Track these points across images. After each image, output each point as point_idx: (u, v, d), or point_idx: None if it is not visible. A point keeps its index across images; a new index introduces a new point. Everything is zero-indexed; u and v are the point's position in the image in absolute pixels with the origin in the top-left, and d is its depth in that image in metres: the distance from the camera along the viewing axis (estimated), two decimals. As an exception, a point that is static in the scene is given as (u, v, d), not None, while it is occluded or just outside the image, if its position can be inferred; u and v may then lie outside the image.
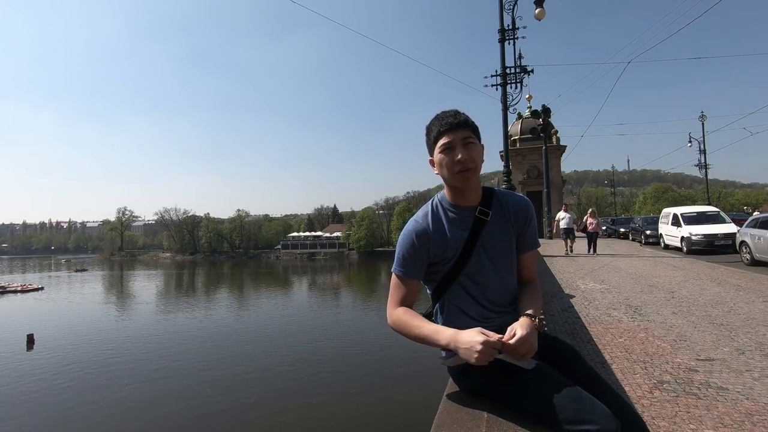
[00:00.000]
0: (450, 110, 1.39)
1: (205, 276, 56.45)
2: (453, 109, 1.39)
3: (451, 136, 1.33)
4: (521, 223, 1.43)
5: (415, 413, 10.13)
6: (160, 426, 10.68)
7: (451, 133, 1.33)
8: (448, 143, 1.33)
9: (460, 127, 1.33)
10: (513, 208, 1.43)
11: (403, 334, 1.35)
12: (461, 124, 1.34)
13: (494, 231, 1.39)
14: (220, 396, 12.25)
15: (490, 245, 1.38)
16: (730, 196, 59.18)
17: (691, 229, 13.82)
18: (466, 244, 1.36)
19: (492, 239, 1.38)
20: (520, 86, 13.18)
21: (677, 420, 2.48)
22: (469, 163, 1.32)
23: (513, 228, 1.42)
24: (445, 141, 1.34)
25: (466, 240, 1.36)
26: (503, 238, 1.40)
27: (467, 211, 1.39)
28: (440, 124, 1.36)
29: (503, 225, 1.40)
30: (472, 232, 1.37)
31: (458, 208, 1.40)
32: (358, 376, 13.92)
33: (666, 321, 4.89)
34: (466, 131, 1.34)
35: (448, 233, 1.37)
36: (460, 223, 1.38)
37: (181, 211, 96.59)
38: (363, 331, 20.45)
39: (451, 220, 1.39)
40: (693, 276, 8.41)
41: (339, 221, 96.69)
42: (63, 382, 13.91)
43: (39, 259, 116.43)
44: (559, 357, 1.29)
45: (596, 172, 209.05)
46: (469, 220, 1.38)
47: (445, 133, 1.34)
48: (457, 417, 1.23)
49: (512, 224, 1.42)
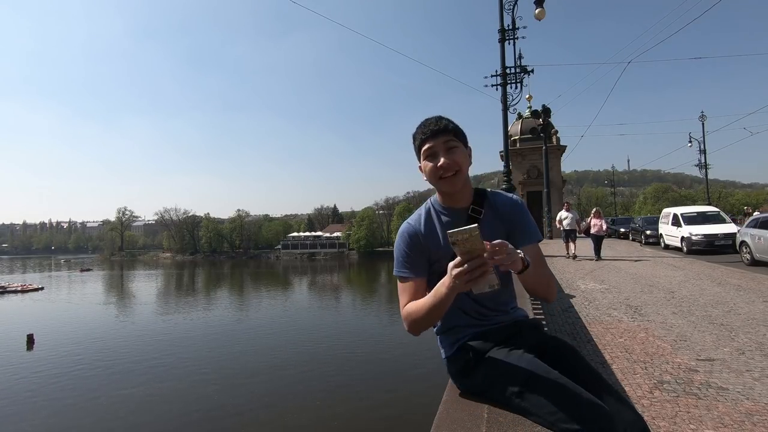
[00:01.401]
0: (433, 117, 1.41)
1: (205, 276, 56.43)
2: (436, 116, 1.41)
3: (433, 142, 1.36)
4: (513, 219, 1.43)
5: (415, 413, 10.13)
6: (160, 426, 10.68)
7: (433, 140, 1.36)
8: (430, 149, 1.36)
9: (441, 133, 1.35)
10: (502, 207, 1.44)
11: (418, 321, 1.31)
12: (442, 130, 1.36)
13: (489, 227, 1.38)
14: (221, 396, 12.25)
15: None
16: (730, 196, 59.15)
17: (691, 229, 13.81)
18: None
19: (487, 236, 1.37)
20: (520, 86, 13.17)
21: (677, 420, 2.48)
22: (452, 167, 1.34)
23: (505, 225, 1.42)
24: (428, 147, 1.36)
25: None
26: (498, 236, 1.38)
27: (459, 212, 1.41)
28: (422, 131, 1.38)
29: (496, 224, 1.41)
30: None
31: (450, 209, 1.41)
32: (358, 376, 13.92)
33: (666, 321, 4.89)
34: (447, 136, 1.36)
35: (440, 234, 1.38)
36: (452, 224, 1.37)
37: (181, 211, 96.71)
38: (363, 332, 20.45)
39: (443, 222, 1.40)
40: (693, 276, 8.41)
41: (339, 221, 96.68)
42: (63, 382, 13.91)
43: (39, 259, 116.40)
44: (559, 356, 1.28)
45: (596, 172, 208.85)
46: (461, 221, 1.37)
47: (427, 140, 1.37)
48: (457, 417, 1.23)
49: (504, 222, 1.42)
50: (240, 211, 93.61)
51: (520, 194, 24.18)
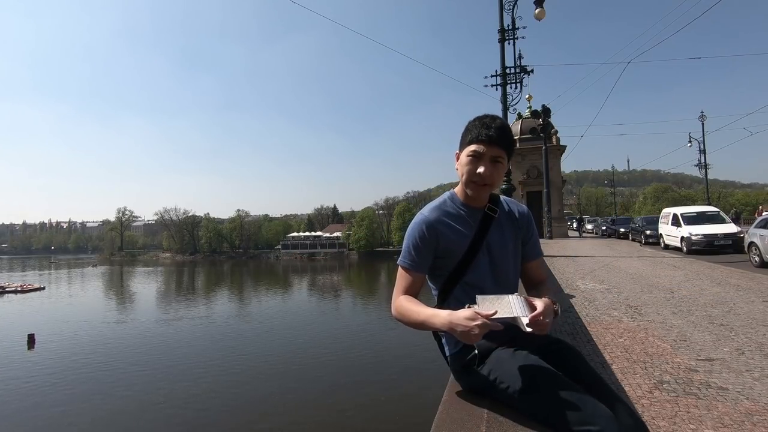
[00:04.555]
0: (497, 120, 1.37)
1: (204, 276, 56.43)
2: (500, 120, 1.37)
3: (483, 148, 1.34)
4: (525, 230, 1.49)
5: (415, 413, 10.13)
6: (160, 425, 10.68)
7: (485, 146, 1.34)
8: (477, 152, 1.34)
9: (495, 144, 1.33)
10: (518, 215, 1.49)
11: (404, 320, 1.34)
12: (497, 142, 1.33)
13: (501, 231, 1.44)
14: (221, 396, 12.25)
15: (496, 246, 1.42)
16: (730, 196, 59.10)
17: (691, 229, 13.80)
18: (473, 241, 1.39)
19: (498, 239, 1.42)
20: (520, 86, 13.19)
21: (677, 420, 2.48)
22: (487, 180, 1.35)
23: (519, 231, 1.47)
24: (476, 149, 1.34)
25: (473, 238, 1.39)
26: (509, 240, 1.45)
27: (476, 211, 1.43)
28: (479, 131, 1.35)
29: (509, 227, 1.46)
30: (479, 229, 1.41)
31: (468, 207, 1.44)
32: (359, 375, 13.92)
33: (666, 321, 4.89)
34: (499, 150, 1.34)
35: (457, 227, 1.40)
36: (468, 221, 1.42)
37: (181, 211, 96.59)
38: (363, 332, 20.46)
39: (461, 216, 1.42)
40: (693, 276, 8.41)
41: (339, 221, 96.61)
42: (63, 382, 13.92)
43: (39, 259, 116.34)
44: (562, 358, 1.29)
45: (596, 172, 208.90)
46: (476, 220, 1.42)
47: (479, 142, 1.34)
48: (457, 417, 1.23)
49: (519, 227, 1.47)
50: (240, 211, 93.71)
51: (520, 194, 24.20)
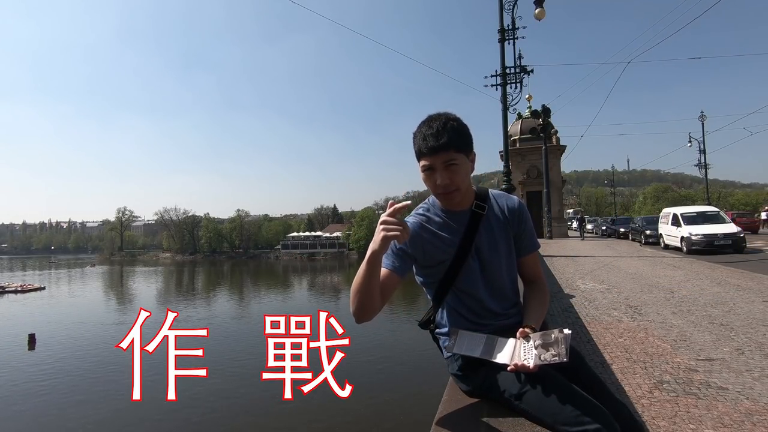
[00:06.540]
0: (435, 122, 1.26)
1: (204, 276, 56.40)
2: (439, 121, 1.26)
3: (430, 160, 1.25)
4: (517, 224, 1.41)
5: (415, 413, 10.13)
6: (160, 425, 10.68)
7: (431, 157, 1.24)
8: (428, 165, 1.26)
9: (441, 150, 1.23)
10: (509, 209, 1.41)
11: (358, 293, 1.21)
12: (442, 147, 1.23)
13: (490, 230, 1.37)
14: (221, 396, 12.24)
15: (486, 249, 1.36)
16: (730, 196, 59.08)
17: (690, 229, 13.81)
18: (459, 247, 1.34)
19: (487, 240, 1.36)
20: (520, 86, 13.22)
21: (677, 420, 2.48)
22: (449, 188, 1.27)
23: (510, 228, 1.40)
24: (425, 163, 1.26)
25: (459, 243, 1.34)
26: (500, 240, 1.38)
27: (460, 215, 1.37)
28: (419, 145, 1.27)
29: (499, 224, 1.39)
30: (467, 233, 1.34)
31: (450, 212, 1.37)
32: (358, 376, 13.91)
33: (666, 321, 4.89)
34: (447, 154, 1.23)
35: (442, 234, 1.35)
36: (453, 225, 1.36)
37: (180, 211, 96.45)
38: (363, 332, 20.42)
39: (444, 222, 1.36)
40: (693, 276, 8.41)
41: (339, 221, 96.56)
42: (64, 382, 13.91)
43: (39, 259, 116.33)
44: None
45: (596, 172, 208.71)
46: (462, 223, 1.35)
47: (424, 156, 1.26)
48: (457, 417, 1.23)
49: (509, 224, 1.40)
50: (240, 211, 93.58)
51: (520, 194, 24.17)
